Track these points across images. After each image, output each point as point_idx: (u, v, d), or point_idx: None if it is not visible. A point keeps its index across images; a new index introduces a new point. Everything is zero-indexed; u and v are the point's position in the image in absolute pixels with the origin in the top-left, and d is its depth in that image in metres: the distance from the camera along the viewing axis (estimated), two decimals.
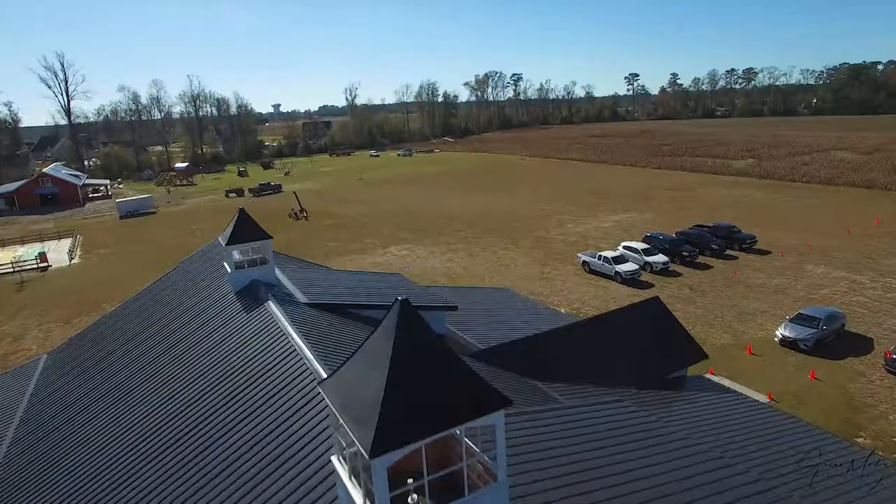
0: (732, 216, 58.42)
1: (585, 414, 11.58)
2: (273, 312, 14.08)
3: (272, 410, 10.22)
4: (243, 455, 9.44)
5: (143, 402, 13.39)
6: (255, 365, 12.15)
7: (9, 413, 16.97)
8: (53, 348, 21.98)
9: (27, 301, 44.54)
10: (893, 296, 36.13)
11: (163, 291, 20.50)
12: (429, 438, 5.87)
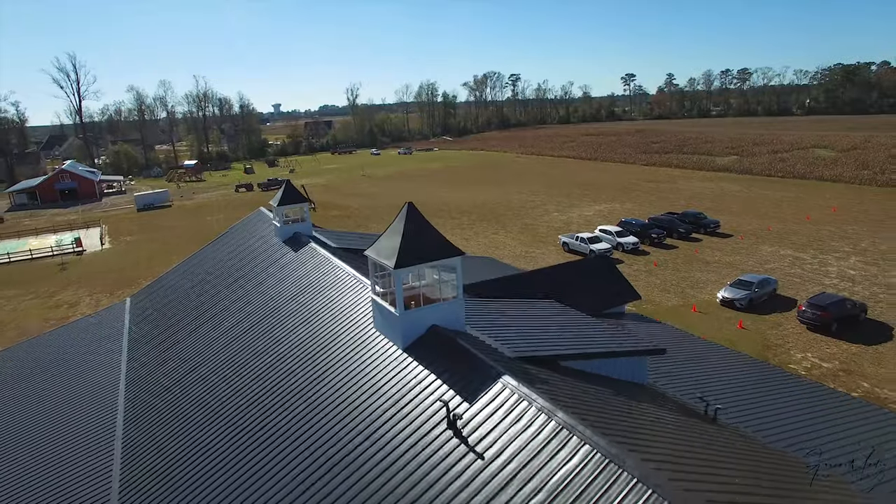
0: (705, 206, 64.78)
1: (525, 305, 17.71)
2: (314, 249, 20.24)
3: (342, 330, 16.19)
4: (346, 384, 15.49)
5: (233, 338, 19.45)
6: (313, 280, 18.25)
7: (116, 345, 22.99)
8: (132, 294, 28.11)
9: (72, 278, 50.74)
10: (826, 269, 42.39)
11: (218, 248, 26.65)
12: (421, 264, 12.06)
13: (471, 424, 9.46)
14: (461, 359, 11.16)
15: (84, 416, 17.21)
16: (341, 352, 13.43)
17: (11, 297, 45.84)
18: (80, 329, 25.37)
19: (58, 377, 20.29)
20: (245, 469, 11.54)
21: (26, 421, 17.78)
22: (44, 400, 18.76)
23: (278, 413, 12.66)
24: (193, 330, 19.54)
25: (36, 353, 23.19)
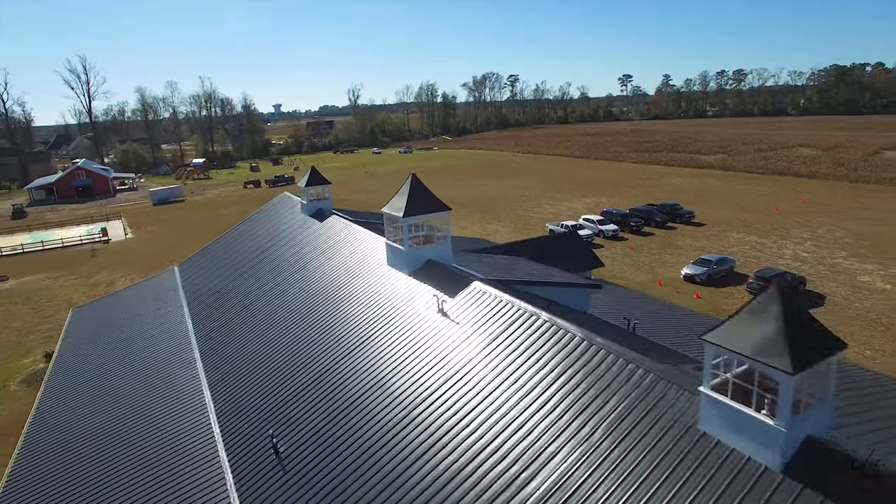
0: (687, 199, 70.25)
1: (501, 257, 23.22)
2: (336, 219, 25.77)
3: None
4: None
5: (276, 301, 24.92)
6: (338, 238, 23.73)
7: (176, 297, 28.45)
8: (180, 263, 33.61)
9: (104, 262, 56.32)
10: (782, 251, 47.97)
11: (254, 223, 32.16)
12: (421, 214, 17.60)
13: (452, 309, 15.03)
14: (448, 276, 16.73)
15: (167, 347, 22.73)
16: (364, 281, 19.00)
17: (57, 277, 51.46)
18: (142, 289, 30.94)
19: (138, 321, 25.88)
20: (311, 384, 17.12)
21: (123, 352, 23.35)
22: (132, 337, 24.34)
23: (326, 319, 18.22)
24: (240, 276, 25.09)
25: (115, 306, 28.80)
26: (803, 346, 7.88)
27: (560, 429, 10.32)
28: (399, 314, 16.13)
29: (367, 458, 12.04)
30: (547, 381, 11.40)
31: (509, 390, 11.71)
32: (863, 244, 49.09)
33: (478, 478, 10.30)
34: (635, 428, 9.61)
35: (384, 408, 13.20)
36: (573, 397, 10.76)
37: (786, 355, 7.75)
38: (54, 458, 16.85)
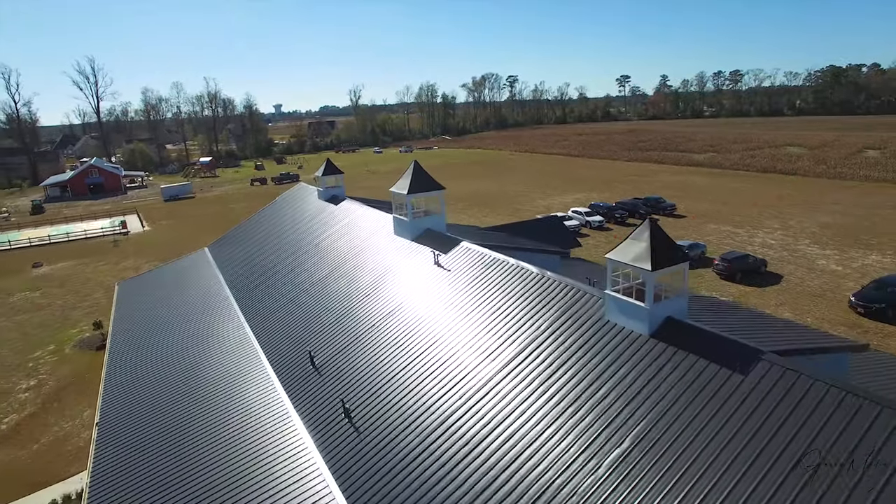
0: (672, 194, 74.96)
1: (488, 232, 27.96)
2: (349, 203, 30.52)
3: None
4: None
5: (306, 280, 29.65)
6: (352, 218, 28.45)
7: (212, 271, 33.19)
8: (209, 244, 38.34)
9: (127, 251, 61.10)
10: (752, 239, 52.71)
11: (274, 209, 36.89)
12: (421, 192, 22.39)
13: (445, 261, 19.80)
14: (442, 240, 21.50)
15: (211, 306, 27.48)
16: (376, 245, 23.78)
17: (87, 264, 56.27)
18: (178, 266, 35.71)
19: (180, 288, 30.66)
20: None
21: (171, 311, 28.13)
22: (177, 299, 29.12)
23: (352, 277, 23.00)
24: (267, 249, 29.84)
25: (156, 279, 33.61)
26: (660, 256, 12.67)
27: (517, 327, 15.08)
28: (404, 266, 20.91)
29: (377, 365, 16.76)
30: (512, 303, 16.14)
31: (486, 313, 16.45)
32: (826, 233, 53.83)
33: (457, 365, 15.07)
34: (567, 321, 14.36)
35: (396, 326, 17.95)
36: (528, 309, 15.51)
37: (648, 261, 12.54)
38: (134, 401, 21.48)
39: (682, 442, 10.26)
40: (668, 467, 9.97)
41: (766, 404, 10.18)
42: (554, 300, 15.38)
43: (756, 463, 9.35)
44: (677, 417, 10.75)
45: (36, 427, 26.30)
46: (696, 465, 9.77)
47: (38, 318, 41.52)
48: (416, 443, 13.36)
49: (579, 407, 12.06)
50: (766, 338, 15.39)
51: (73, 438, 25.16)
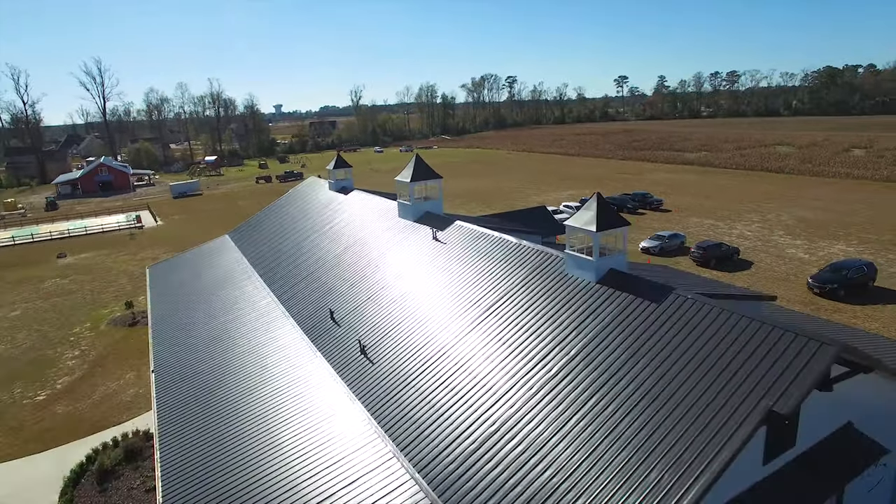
0: (660, 190, 79.09)
1: (480, 218, 32.01)
2: (357, 193, 34.58)
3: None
4: None
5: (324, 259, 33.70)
6: (361, 205, 32.52)
7: (236, 253, 37.27)
8: (229, 231, 42.34)
9: (144, 243, 65.18)
10: (731, 231, 56.79)
11: (288, 201, 40.93)
12: (422, 180, 26.49)
13: (441, 236, 23.89)
14: (440, 220, 25.59)
15: (240, 280, 31.54)
16: (383, 229, 27.85)
17: (108, 254, 60.37)
18: (201, 251, 39.77)
19: (208, 268, 34.75)
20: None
21: (205, 287, 32.21)
22: (210, 277, 33.21)
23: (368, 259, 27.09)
24: (285, 233, 33.90)
25: (183, 262, 37.69)
26: (603, 221, 16.78)
27: (497, 282, 19.15)
28: (406, 240, 25.00)
29: (387, 316, 20.81)
30: (494, 265, 20.21)
31: (473, 273, 20.50)
32: (800, 226, 57.94)
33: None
34: (536, 276, 18.44)
35: (401, 286, 22.02)
36: (506, 268, 19.58)
37: (594, 224, 16.66)
38: (179, 353, 25.53)
39: (616, 351, 14.32)
40: (604, 371, 14.02)
41: (672, 321, 14.25)
42: (527, 261, 19.47)
43: (658, 356, 13.44)
44: (611, 333, 14.82)
45: (87, 386, 30.37)
46: (626, 367, 13.83)
47: (70, 300, 45.58)
48: (419, 367, 17.43)
49: (542, 337, 16.11)
50: (687, 286, 19.44)
51: (120, 394, 29.22)
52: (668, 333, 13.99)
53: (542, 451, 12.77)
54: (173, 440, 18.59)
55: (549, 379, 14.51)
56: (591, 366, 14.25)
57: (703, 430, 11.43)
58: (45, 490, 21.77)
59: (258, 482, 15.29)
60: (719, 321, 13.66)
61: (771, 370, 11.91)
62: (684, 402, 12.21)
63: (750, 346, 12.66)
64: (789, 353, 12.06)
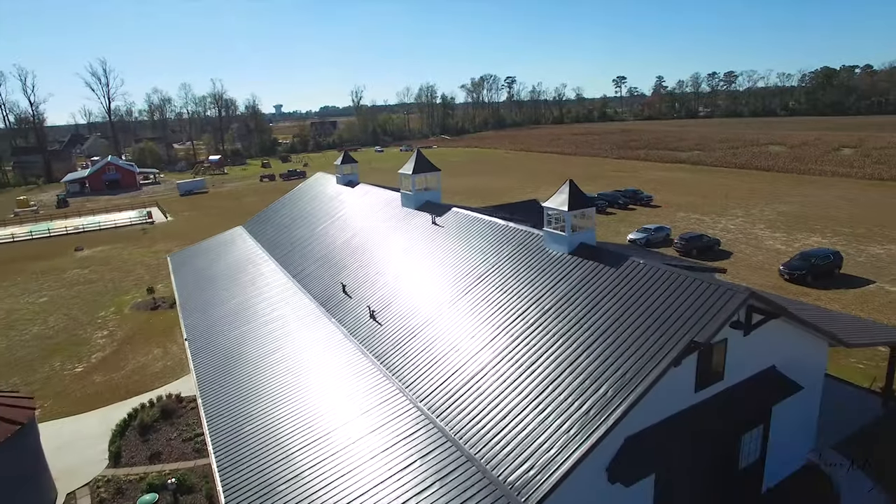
0: (651, 187, 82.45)
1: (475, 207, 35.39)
2: (363, 186, 37.93)
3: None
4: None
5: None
6: (366, 197, 35.87)
7: (250, 242, 40.62)
8: (243, 224, 45.69)
9: (156, 237, 68.56)
10: (716, 225, 60.20)
11: (297, 194, 44.27)
12: (422, 172, 29.92)
13: (440, 221, 27.29)
14: (438, 208, 28.98)
15: (257, 263, 34.90)
16: (387, 217, 31.22)
17: (123, 247, 63.77)
18: (217, 240, 43.12)
19: (225, 253, 38.12)
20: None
21: (224, 269, 35.58)
22: (228, 261, 36.57)
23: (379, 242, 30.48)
24: (296, 222, 37.24)
25: (201, 250, 41.07)
26: (574, 202, 20.19)
27: (488, 256, 22.52)
28: (409, 225, 28.38)
29: (394, 286, 24.17)
30: (485, 244, 23.58)
31: (466, 250, 23.88)
32: (781, 220, 61.33)
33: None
34: (520, 250, 21.82)
35: (405, 261, 25.39)
36: (495, 245, 22.95)
37: (566, 204, 20.09)
38: (208, 325, 28.86)
39: (580, 306, 17.68)
40: (570, 321, 17.38)
41: (625, 280, 17.63)
42: (512, 239, 22.87)
43: (612, 307, 16.82)
44: (577, 292, 18.20)
45: (119, 360, 33.72)
46: (587, 317, 17.18)
47: (93, 288, 48.93)
48: (420, 325, 20.79)
49: (522, 297, 19.47)
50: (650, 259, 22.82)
51: (149, 367, 32.56)
52: (622, 289, 17.37)
53: (519, 386, 16.10)
54: (212, 393, 21.95)
55: (526, 328, 17.90)
56: (559, 317, 17.63)
57: (642, 356, 14.81)
58: (95, 441, 25.11)
59: (286, 419, 18.66)
60: (661, 279, 17.05)
61: (696, 312, 15.29)
62: (630, 338, 15.58)
63: (682, 295, 16.04)
64: (711, 300, 15.43)
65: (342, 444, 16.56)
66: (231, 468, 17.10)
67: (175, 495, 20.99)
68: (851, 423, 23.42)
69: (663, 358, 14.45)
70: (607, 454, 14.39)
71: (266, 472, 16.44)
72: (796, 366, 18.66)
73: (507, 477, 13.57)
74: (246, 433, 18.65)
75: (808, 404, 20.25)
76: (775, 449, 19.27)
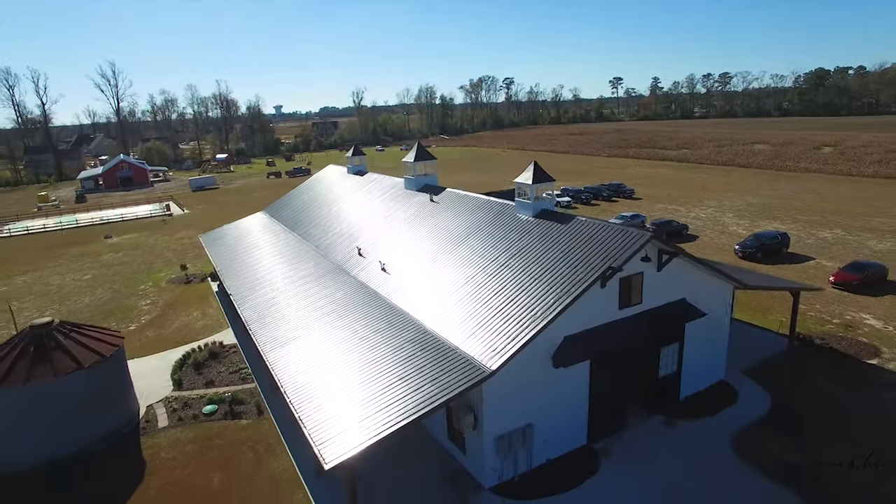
0: (635, 182, 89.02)
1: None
2: (371, 175, 44.44)
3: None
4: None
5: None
6: (374, 184, 42.37)
7: (273, 222, 47.08)
8: (263, 209, 52.11)
9: (177, 227, 75.05)
10: (689, 214, 66.71)
11: (311, 184, 50.74)
12: (422, 160, 36.51)
13: (437, 198, 33.84)
14: (435, 189, 35.53)
15: (281, 237, 41.38)
16: (393, 197, 37.72)
17: (148, 235, 70.32)
18: (242, 223, 49.58)
19: (253, 233, 44.61)
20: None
21: (252, 243, 42.09)
22: (255, 238, 43.06)
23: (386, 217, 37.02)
24: (313, 204, 43.71)
25: (229, 231, 47.59)
26: (537, 177, 26.80)
27: (471, 221, 29.02)
28: (410, 202, 34.89)
29: (400, 247, 30.64)
30: (471, 214, 30.06)
31: (457, 218, 30.35)
32: (749, 210, 67.86)
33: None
34: (496, 217, 28.35)
35: (408, 228, 31.88)
36: (477, 213, 29.46)
37: (531, 178, 26.68)
38: (248, 283, 35.27)
39: (537, 250, 24.14)
40: (529, 260, 23.83)
41: (571, 232, 24.13)
42: (491, 210, 29.40)
43: (559, 249, 23.32)
44: (536, 242, 24.69)
45: (165, 320, 40.17)
46: (542, 258, 23.65)
47: (129, 268, 55.40)
48: (422, 270, 27.26)
49: (497, 247, 25.93)
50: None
51: (192, 325, 38.98)
52: (567, 238, 23.88)
53: (490, 304, 22.51)
54: (260, 326, 28.41)
55: (498, 267, 24.42)
56: (521, 259, 24.14)
57: (577, 276, 21.28)
58: (159, 373, 31.54)
59: (323, 335, 25.11)
60: (594, 229, 23.55)
61: (615, 248, 21.77)
62: (569, 268, 22.06)
63: (608, 239, 22.52)
64: (626, 240, 21.92)
65: (367, 342, 23.06)
66: (283, 368, 23.59)
67: (230, 405, 27.45)
68: (760, 355, 29.97)
69: (591, 278, 20.93)
70: (552, 347, 20.85)
71: (308, 363, 22.93)
72: (704, 300, 25.14)
73: (478, 356, 20.05)
74: (291, 349, 25.09)
75: (717, 334, 26.70)
76: (690, 366, 25.77)
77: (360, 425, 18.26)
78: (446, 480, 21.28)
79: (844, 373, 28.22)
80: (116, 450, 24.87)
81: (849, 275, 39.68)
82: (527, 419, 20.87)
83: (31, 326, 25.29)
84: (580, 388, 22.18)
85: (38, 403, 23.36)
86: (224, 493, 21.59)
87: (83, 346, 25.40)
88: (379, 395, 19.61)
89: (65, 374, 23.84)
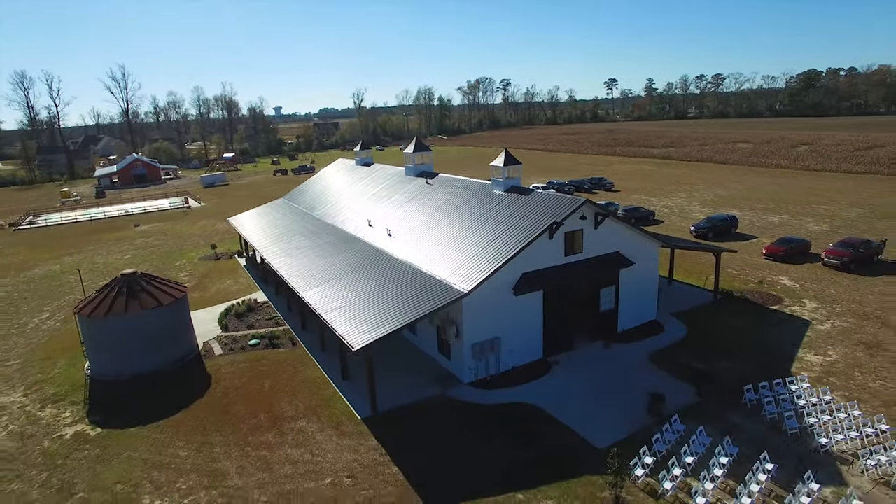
0: (617, 177, 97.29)
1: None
2: (377, 165, 52.66)
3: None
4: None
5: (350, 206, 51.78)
6: (378, 174, 50.60)
7: (293, 206, 55.31)
8: (280, 197, 60.25)
9: (197, 217, 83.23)
10: (660, 203, 75.00)
11: (323, 176, 58.94)
12: (419, 151, 44.81)
13: (431, 181, 42.13)
14: (430, 175, 43.82)
15: (301, 216, 49.57)
16: (395, 182, 45.97)
17: (173, 224, 78.55)
18: (264, 208, 57.79)
19: (276, 215, 52.87)
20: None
21: (278, 222, 50.37)
22: (277, 217, 51.31)
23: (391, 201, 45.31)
24: (332, 193, 51.92)
25: (253, 214, 55.86)
26: (507, 161, 35.21)
27: (456, 195, 37.27)
28: (410, 185, 43.17)
29: (402, 218, 38.84)
30: (458, 192, 38.28)
31: (445, 195, 38.56)
32: (714, 200, 76.13)
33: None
34: (475, 193, 36.63)
35: (410, 205, 40.10)
36: (460, 191, 37.69)
37: (502, 162, 35.06)
38: (281, 246, 43.48)
39: (504, 215, 32.32)
40: (498, 222, 32.02)
41: (532, 202, 32.35)
42: (473, 187, 37.64)
43: (522, 213, 31.57)
44: (504, 209, 32.91)
45: (203, 286, 48.33)
46: (508, 220, 31.85)
47: (162, 249, 63.59)
48: (419, 234, 35.47)
49: (473, 215, 34.12)
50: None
51: (227, 289, 47.13)
52: (528, 206, 32.12)
53: (467, 252, 30.66)
54: (296, 279, 36.62)
55: (474, 226, 32.66)
56: (494, 221, 32.37)
57: (530, 231, 29.48)
58: (207, 322, 39.66)
59: (343, 276, 33.30)
60: (547, 197, 31.78)
61: (560, 210, 30.00)
62: (526, 225, 30.27)
63: (556, 205, 30.74)
64: (568, 204, 30.15)
65: (376, 281, 31.26)
66: (314, 297, 31.80)
67: (270, 340, 35.63)
68: (689, 305, 38.19)
69: (540, 230, 29.16)
70: (514, 280, 29.03)
71: (332, 296, 31.14)
72: (635, 254, 33.33)
73: (458, 284, 28.27)
74: (320, 289, 33.24)
75: (648, 283, 34.87)
76: (626, 306, 33.96)
77: (375, 327, 26.48)
78: (436, 380, 29.48)
79: (750, 314, 36.48)
80: (186, 370, 33.03)
81: (776, 248, 47.94)
82: (496, 333, 29.07)
83: (122, 274, 33.47)
84: (536, 314, 30.37)
85: (134, 330, 31.52)
86: (274, 392, 29.77)
87: (160, 290, 33.57)
88: (388, 311, 27.85)
89: (150, 308, 32.01)
